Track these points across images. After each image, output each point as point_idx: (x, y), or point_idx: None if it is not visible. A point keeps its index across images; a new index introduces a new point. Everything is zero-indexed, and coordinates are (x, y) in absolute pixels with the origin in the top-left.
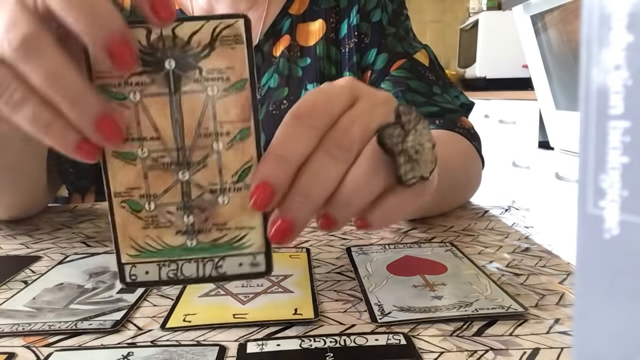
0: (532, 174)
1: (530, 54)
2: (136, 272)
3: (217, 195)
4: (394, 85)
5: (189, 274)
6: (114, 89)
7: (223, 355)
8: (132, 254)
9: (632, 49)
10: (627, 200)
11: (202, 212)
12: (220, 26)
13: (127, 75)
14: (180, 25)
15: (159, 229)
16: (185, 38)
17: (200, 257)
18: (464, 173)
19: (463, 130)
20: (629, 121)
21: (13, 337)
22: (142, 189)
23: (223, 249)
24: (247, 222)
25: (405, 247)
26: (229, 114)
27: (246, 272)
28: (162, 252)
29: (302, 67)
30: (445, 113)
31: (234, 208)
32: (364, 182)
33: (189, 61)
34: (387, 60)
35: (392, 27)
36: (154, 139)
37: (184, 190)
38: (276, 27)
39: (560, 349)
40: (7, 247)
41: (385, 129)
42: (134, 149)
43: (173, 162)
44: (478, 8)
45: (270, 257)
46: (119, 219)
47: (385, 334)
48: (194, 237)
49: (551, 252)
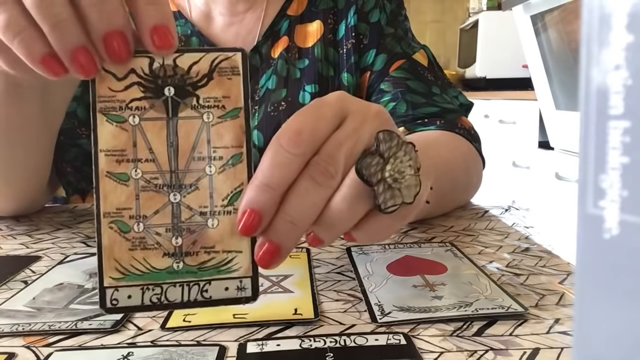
0: (532, 174)
1: (530, 54)
2: (118, 296)
3: (207, 218)
4: (393, 86)
5: (173, 298)
6: (115, 112)
7: (223, 355)
8: (115, 276)
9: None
10: (627, 200)
11: (190, 234)
12: (219, 58)
13: (128, 100)
14: (181, 55)
15: (146, 250)
16: (185, 68)
17: (186, 280)
18: (465, 174)
19: (464, 131)
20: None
21: (13, 337)
22: (133, 209)
23: (209, 273)
24: (235, 245)
25: (405, 247)
26: (222, 140)
27: (232, 296)
28: (147, 276)
29: (300, 68)
30: (445, 113)
31: (223, 231)
32: (346, 208)
33: (188, 89)
34: (386, 61)
35: (391, 28)
36: (148, 161)
37: (174, 212)
38: (274, 29)
39: (560, 349)
40: (7, 247)
41: (363, 159)
42: (128, 170)
43: (165, 184)
44: (478, 8)
45: (256, 283)
46: (106, 241)
47: (385, 334)
48: (180, 260)
49: (551, 252)
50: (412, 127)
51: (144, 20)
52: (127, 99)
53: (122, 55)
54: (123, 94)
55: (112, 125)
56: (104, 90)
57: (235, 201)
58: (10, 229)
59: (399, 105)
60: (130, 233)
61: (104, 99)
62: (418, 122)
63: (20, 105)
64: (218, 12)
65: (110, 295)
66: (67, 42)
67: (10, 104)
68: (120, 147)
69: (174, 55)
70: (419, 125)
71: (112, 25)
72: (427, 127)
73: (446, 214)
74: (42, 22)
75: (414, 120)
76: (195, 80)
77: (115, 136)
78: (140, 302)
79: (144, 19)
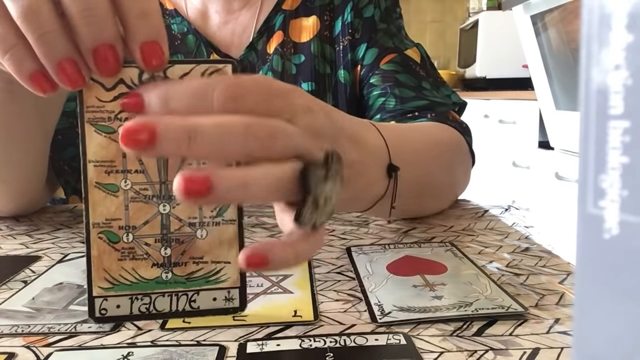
0: (532, 174)
1: (530, 54)
2: (107, 305)
3: (196, 229)
4: (382, 80)
5: (161, 308)
6: (104, 123)
7: (223, 355)
8: (104, 286)
9: (632, 49)
10: (627, 200)
11: (179, 244)
12: (210, 70)
13: (117, 110)
14: (172, 67)
15: (135, 261)
16: (176, 79)
17: (175, 290)
18: (453, 168)
19: (455, 124)
20: (629, 121)
21: (13, 337)
22: (122, 220)
23: (198, 283)
24: (223, 256)
25: (405, 247)
26: None
27: (220, 306)
28: (135, 286)
29: (296, 64)
30: (434, 107)
31: (211, 242)
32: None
33: None
34: (377, 54)
35: (384, 24)
36: (138, 172)
37: (163, 223)
38: (269, 24)
39: (560, 349)
40: (6, 247)
41: (312, 165)
42: (118, 181)
43: (155, 195)
44: (478, 8)
45: (244, 293)
46: (95, 251)
47: (385, 333)
48: (169, 270)
49: (551, 252)
50: (402, 120)
51: (134, 35)
52: (116, 109)
53: (111, 68)
54: (112, 104)
55: (101, 135)
56: (92, 100)
57: (224, 212)
58: (10, 229)
59: (388, 100)
60: (119, 243)
61: (92, 109)
62: (409, 116)
63: (16, 102)
64: (214, 10)
65: (99, 305)
66: (54, 53)
67: (5, 101)
68: (110, 158)
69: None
70: (409, 119)
71: (101, 38)
72: (417, 120)
73: (446, 214)
74: (28, 33)
75: (404, 115)
76: None
77: (104, 147)
78: (129, 312)
79: (134, 34)
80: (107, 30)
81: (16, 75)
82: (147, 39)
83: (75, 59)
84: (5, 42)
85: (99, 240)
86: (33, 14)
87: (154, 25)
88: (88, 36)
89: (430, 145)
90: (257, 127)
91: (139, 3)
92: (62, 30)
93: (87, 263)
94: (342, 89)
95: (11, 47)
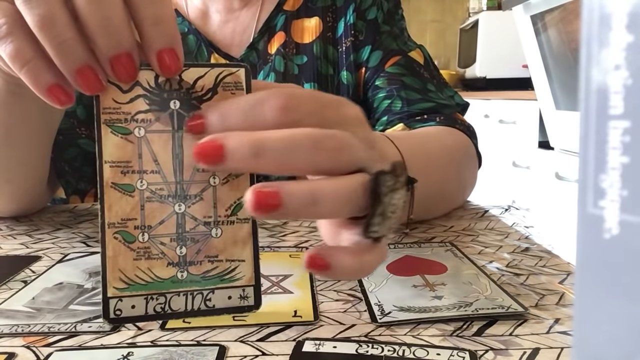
0: (532, 174)
1: (530, 54)
2: (122, 306)
3: (211, 228)
4: (388, 83)
5: (177, 307)
6: (120, 124)
7: (223, 355)
8: (119, 287)
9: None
10: (627, 200)
11: (195, 243)
12: (224, 73)
13: (133, 112)
14: (187, 70)
15: (150, 260)
16: (191, 82)
17: (190, 289)
18: (463, 173)
19: (463, 127)
20: (629, 121)
21: (13, 337)
22: (138, 220)
23: (213, 282)
24: (237, 254)
25: (405, 247)
26: None
27: (235, 305)
28: (151, 285)
29: (299, 64)
30: (441, 109)
31: (226, 241)
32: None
33: (193, 103)
34: (382, 57)
35: (387, 26)
36: (154, 172)
37: (178, 222)
38: (270, 24)
39: (560, 349)
40: (7, 247)
41: (382, 174)
42: (134, 181)
43: (170, 194)
44: (478, 8)
45: (259, 292)
46: (111, 252)
47: (450, 349)
48: (184, 269)
49: (551, 252)
50: (411, 123)
51: (150, 43)
52: (132, 111)
53: (129, 75)
54: (128, 106)
55: (117, 136)
56: (108, 102)
57: (238, 211)
58: (10, 229)
59: (395, 102)
60: (135, 243)
61: (108, 111)
62: (417, 119)
63: (21, 103)
64: (215, 10)
65: (114, 306)
66: (72, 61)
67: (11, 103)
68: (126, 158)
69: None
70: (418, 121)
71: (119, 47)
72: (426, 123)
73: (446, 214)
74: (46, 42)
75: (411, 117)
76: (200, 94)
77: (121, 148)
78: (144, 312)
79: (150, 42)
80: (124, 40)
81: (33, 88)
82: (163, 46)
83: (93, 65)
84: (22, 56)
85: (114, 241)
86: (51, 22)
87: (169, 33)
88: (106, 46)
89: (442, 153)
90: (325, 140)
91: (154, 10)
92: (79, 37)
93: (102, 264)
94: (344, 90)
95: (28, 61)
